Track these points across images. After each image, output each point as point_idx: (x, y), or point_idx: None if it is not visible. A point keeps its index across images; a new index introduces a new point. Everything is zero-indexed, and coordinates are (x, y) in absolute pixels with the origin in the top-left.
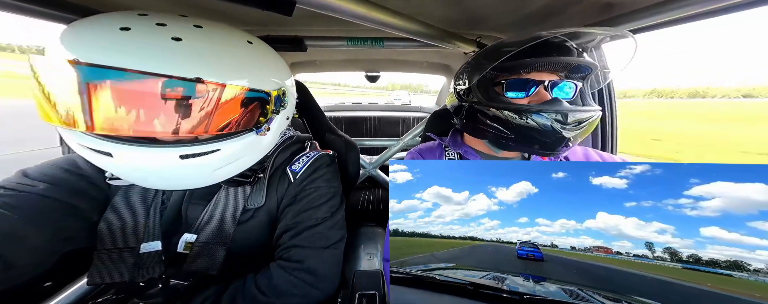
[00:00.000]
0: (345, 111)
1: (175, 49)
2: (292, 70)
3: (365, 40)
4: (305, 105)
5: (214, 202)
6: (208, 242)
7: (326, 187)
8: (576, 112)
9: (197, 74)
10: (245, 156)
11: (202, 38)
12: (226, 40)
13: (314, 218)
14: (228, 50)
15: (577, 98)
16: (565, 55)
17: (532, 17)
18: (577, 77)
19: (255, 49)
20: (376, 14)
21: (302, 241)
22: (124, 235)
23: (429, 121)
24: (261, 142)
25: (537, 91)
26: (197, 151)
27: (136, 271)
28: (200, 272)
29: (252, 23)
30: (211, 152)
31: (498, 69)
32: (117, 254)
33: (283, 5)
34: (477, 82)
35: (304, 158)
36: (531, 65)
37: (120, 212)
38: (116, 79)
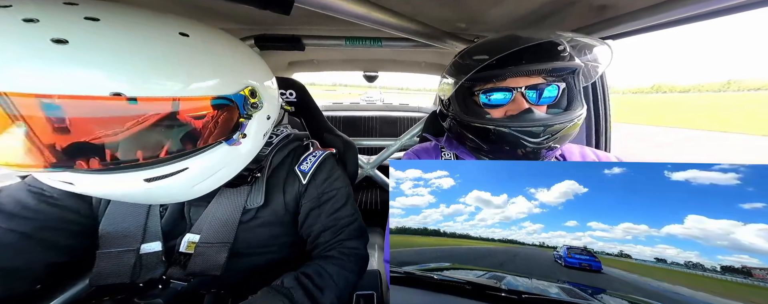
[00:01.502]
0: (343, 111)
1: (56, 56)
2: (290, 69)
3: (364, 40)
4: (303, 104)
5: (213, 202)
6: (210, 242)
7: (345, 187)
8: (549, 123)
9: (114, 89)
10: (224, 168)
11: (99, 36)
12: (144, 34)
13: (348, 216)
14: (147, 48)
15: (561, 99)
16: (540, 59)
17: (528, 18)
18: (559, 77)
19: (194, 44)
20: (374, 14)
21: (348, 235)
22: (124, 236)
23: (427, 122)
24: (239, 151)
25: (513, 98)
26: (162, 173)
27: (137, 272)
28: (203, 273)
29: (248, 22)
30: (178, 172)
31: (471, 78)
32: (117, 256)
33: (281, 4)
34: (455, 92)
35: (312, 158)
36: (501, 75)
37: (119, 214)
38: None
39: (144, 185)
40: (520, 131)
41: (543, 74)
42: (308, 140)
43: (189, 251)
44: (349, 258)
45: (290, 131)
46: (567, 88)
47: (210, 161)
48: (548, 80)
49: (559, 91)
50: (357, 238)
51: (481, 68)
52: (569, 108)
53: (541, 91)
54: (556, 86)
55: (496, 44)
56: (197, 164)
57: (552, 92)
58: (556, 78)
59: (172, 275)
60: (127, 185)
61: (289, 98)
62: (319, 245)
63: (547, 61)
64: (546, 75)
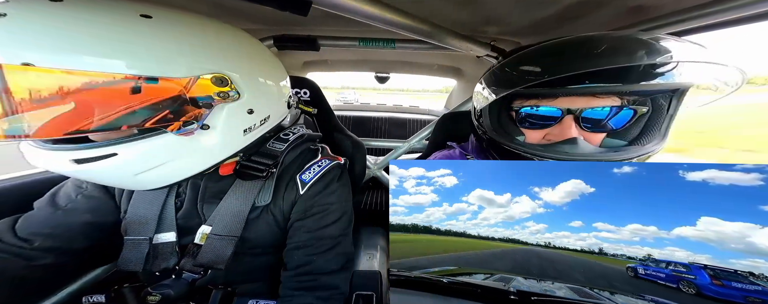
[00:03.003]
0: (353, 111)
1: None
2: (305, 69)
3: (377, 41)
4: (317, 103)
5: (228, 195)
6: (219, 234)
7: (338, 204)
8: (597, 160)
9: (25, 59)
10: (178, 159)
11: (32, 12)
12: (91, 12)
13: (331, 237)
14: (90, 25)
15: (633, 127)
16: (633, 78)
17: (551, 21)
18: (637, 99)
19: (154, 26)
20: (389, 15)
21: (324, 263)
22: (141, 225)
23: (438, 125)
24: (200, 143)
25: (561, 120)
26: (89, 155)
27: (151, 261)
28: (211, 265)
29: (268, 23)
30: (105, 157)
31: (512, 94)
32: (135, 243)
33: (299, 5)
34: (489, 104)
35: (315, 168)
36: (551, 96)
37: (140, 205)
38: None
39: (73, 166)
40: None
41: (624, 95)
42: (320, 145)
43: (201, 242)
44: (324, 302)
45: (305, 131)
46: (652, 114)
47: (148, 150)
48: (625, 103)
49: (633, 118)
50: (333, 272)
51: (533, 85)
52: (640, 141)
53: (603, 117)
54: (632, 111)
55: (557, 53)
56: (129, 151)
57: (623, 119)
58: (637, 100)
59: (184, 266)
60: (57, 162)
61: (303, 97)
62: (290, 264)
63: (638, 79)
64: (626, 95)
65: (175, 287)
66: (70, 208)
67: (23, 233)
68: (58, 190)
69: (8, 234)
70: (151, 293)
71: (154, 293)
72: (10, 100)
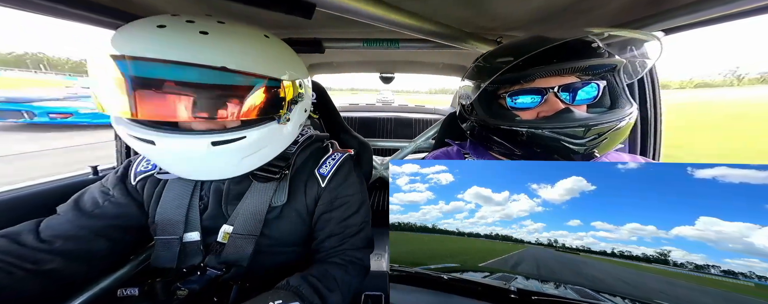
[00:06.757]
0: (359, 111)
1: (202, 41)
2: (310, 71)
3: (381, 42)
4: (322, 105)
5: (246, 196)
6: (240, 234)
7: (358, 193)
8: (592, 123)
9: (222, 63)
10: (268, 146)
11: (225, 32)
12: (246, 34)
13: (356, 224)
14: (248, 42)
15: (603, 98)
16: (574, 57)
17: (556, 15)
18: (597, 75)
19: (271, 44)
20: (392, 16)
21: (352, 245)
22: (170, 225)
23: (444, 124)
24: (282, 131)
25: (546, 99)
26: (225, 137)
27: (182, 258)
28: (234, 262)
29: (273, 26)
30: (238, 139)
31: (496, 81)
32: (166, 243)
33: (303, 8)
34: (477, 97)
35: (331, 161)
36: (529, 76)
37: (167, 205)
38: (152, 69)
39: (210, 148)
40: (559, 133)
41: (577, 73)
42: (328, 141)
43: (224, 241)
44: (352, 266)
45: (313, 132)
46: (609, 87)
47: (261, 134)
48: (584, 79)
49: (599, 91)
50: (361, 248)
51: (506, 70)
52: (614, 107)
53: (575, 90)
54: (596, 85)
55: (520, 45)
56: (253, 134)
57: (590, 92)
58: (593, 76)
59: (209, 263)
60: (197, 145)
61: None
62: (323, 249)
63: (578, 58)
64: (581, 73)
65: (201, 283)
66: (98, 213)
67: (47, 236)
68: (82, 196)
69: (30, 236)
70: (180, 288)
71: (183, 288)
72: (203, 93)
